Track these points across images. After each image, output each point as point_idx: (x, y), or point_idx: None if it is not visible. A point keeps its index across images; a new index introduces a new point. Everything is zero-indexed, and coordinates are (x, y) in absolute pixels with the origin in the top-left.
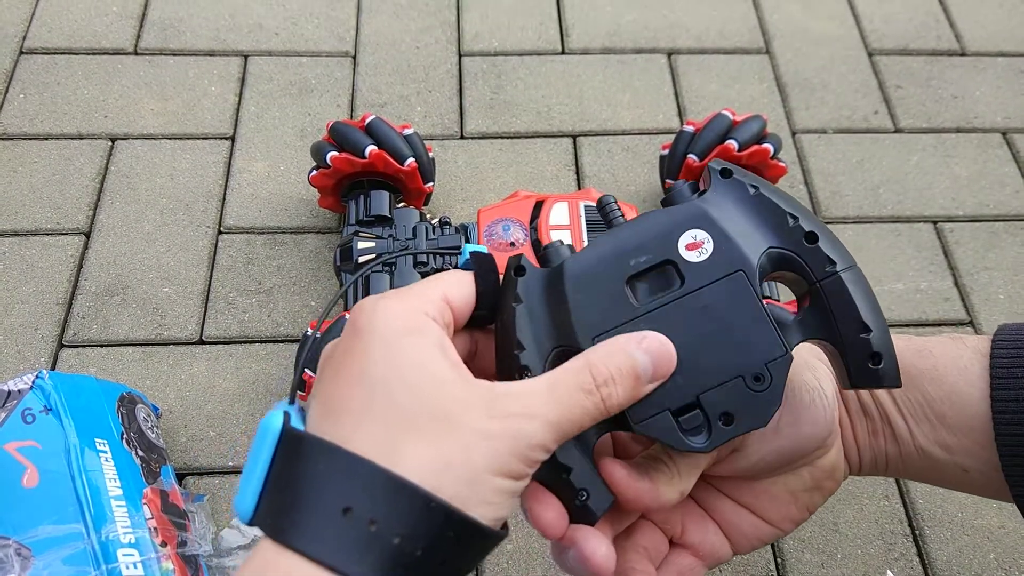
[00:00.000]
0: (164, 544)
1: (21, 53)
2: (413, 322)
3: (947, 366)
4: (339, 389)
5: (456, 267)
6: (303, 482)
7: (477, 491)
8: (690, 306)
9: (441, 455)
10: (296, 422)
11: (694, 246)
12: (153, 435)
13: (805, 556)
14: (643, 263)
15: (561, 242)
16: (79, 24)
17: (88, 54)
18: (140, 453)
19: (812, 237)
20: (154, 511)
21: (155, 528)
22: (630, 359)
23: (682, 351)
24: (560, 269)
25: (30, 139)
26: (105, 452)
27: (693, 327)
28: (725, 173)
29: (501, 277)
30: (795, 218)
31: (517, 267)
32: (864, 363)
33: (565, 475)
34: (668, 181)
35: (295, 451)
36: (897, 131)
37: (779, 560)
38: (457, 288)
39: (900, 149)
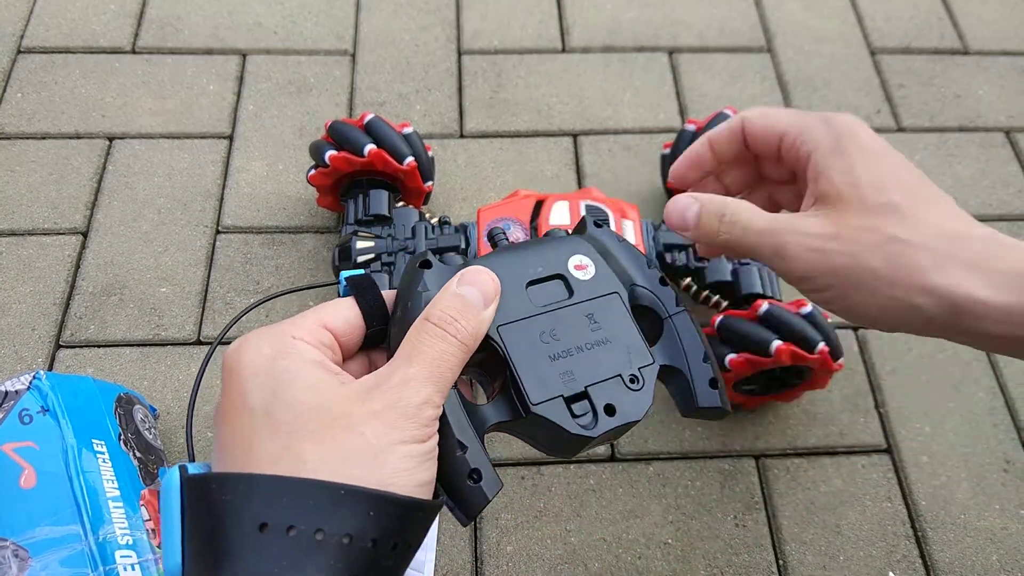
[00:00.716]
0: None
1: (18, 52)
2: (279, 348)
3: None
4: (226, 428)
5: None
6: (215, 519)
7: (383, 465)
8: (578, 313)
9: (338, 447)
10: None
11: (580, 267)
12: (151, 436)
13: (807, 558)
14: (540, 272)
15: (458, 249)
16: (76, 23)
17: (85, 53)
18: (138, 454)
19: (664, 281)
20: (152, 512)
21: (153, 529)
22: (458, 296)
23: (573, 349)
24: (464, 266)
25: (27, 138)
26: (103, 453)
27: (581, 330)
28: (598, 224)
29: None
30: (652, 264)
31: (423, 261)
32: (706, 386)
33: (461, 452)
34: (670, 181)
35: (201, 494)
36: (900, 130)
37: (781, 562)
38: (334, 312)
39: (903, 148)
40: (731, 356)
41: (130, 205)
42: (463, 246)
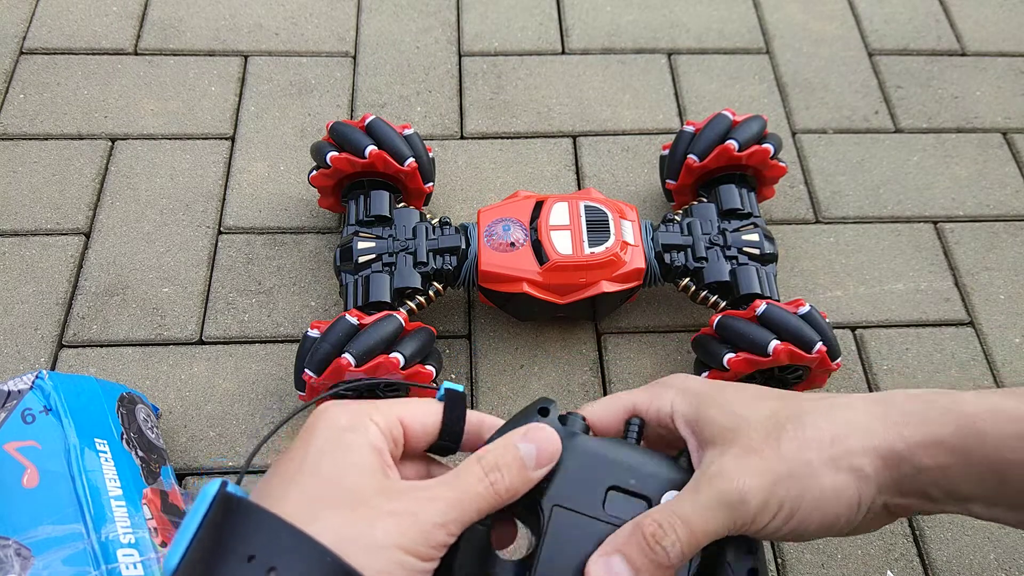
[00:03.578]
0: (164, 544)
1: (21, 53)
2: (354, 421)
3: None
4: (279, 464)
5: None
6: (224, 535)
7: (377, 560)
8: None
9: (348, 525)
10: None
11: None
12: (153, 435)
13: (805, 556)
14: (632, 485)
15: (583, 418)
16: (79, 24)
17: (88, 54)
18: (140, 453)
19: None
20: (154, 511)
21: (155, 528)
22: (513, 448)
23: None
24: (574, 437)
25: (30, 139)
26: (105, 452)
27: None
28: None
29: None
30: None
31: (543, 408)
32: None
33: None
34: (668, 182)
35: (224, 511)
36: (897, 131)
37: (779, 560)
38: (417, 412)
39: (900, 149)
40: (729, 356)
41: (132, 206)
42: (463, 246)
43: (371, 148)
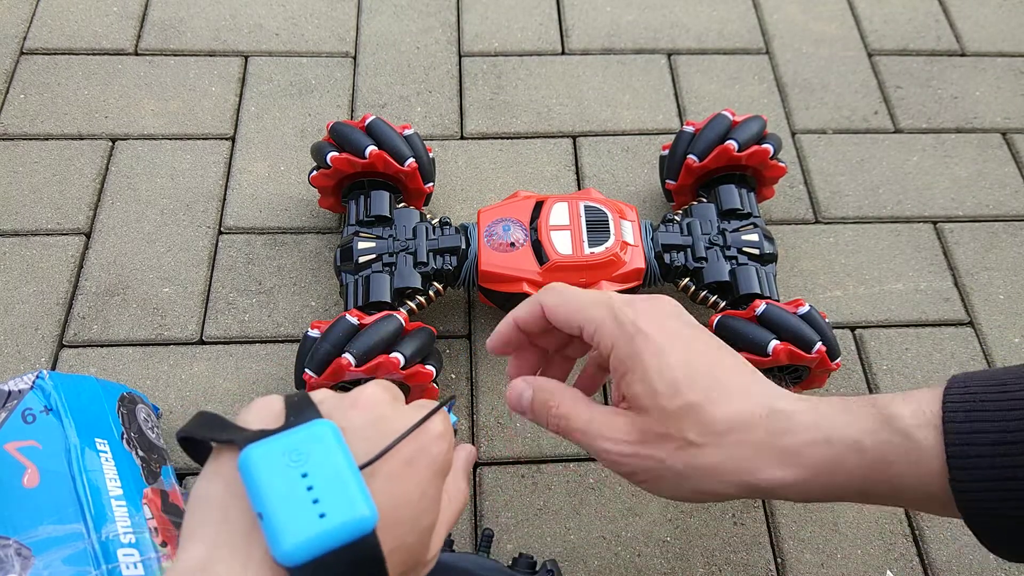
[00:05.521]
0: (164, 544)
1: (21, 53)
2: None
3: (908, 482)
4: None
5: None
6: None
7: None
8: None
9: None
10: None
11: None
12: (153, 435)
13: (805, 556)
14: None
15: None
16: (79, 24)
17: (88, 54)
18: (140, 453)
19: None
20: (154, 511)
21: (155, 528)
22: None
23: None
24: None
25: (31, 139)
26: (105, 452)
27: None
28: None
29: None
30: None
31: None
32: None
33: None
34: (668, 182)
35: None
36: (897, 131)
37: (779, 560)
38: None
39: (900, 149)
40: None
41: (133, 206)
42: (463, 246)
43: (371, 148)
